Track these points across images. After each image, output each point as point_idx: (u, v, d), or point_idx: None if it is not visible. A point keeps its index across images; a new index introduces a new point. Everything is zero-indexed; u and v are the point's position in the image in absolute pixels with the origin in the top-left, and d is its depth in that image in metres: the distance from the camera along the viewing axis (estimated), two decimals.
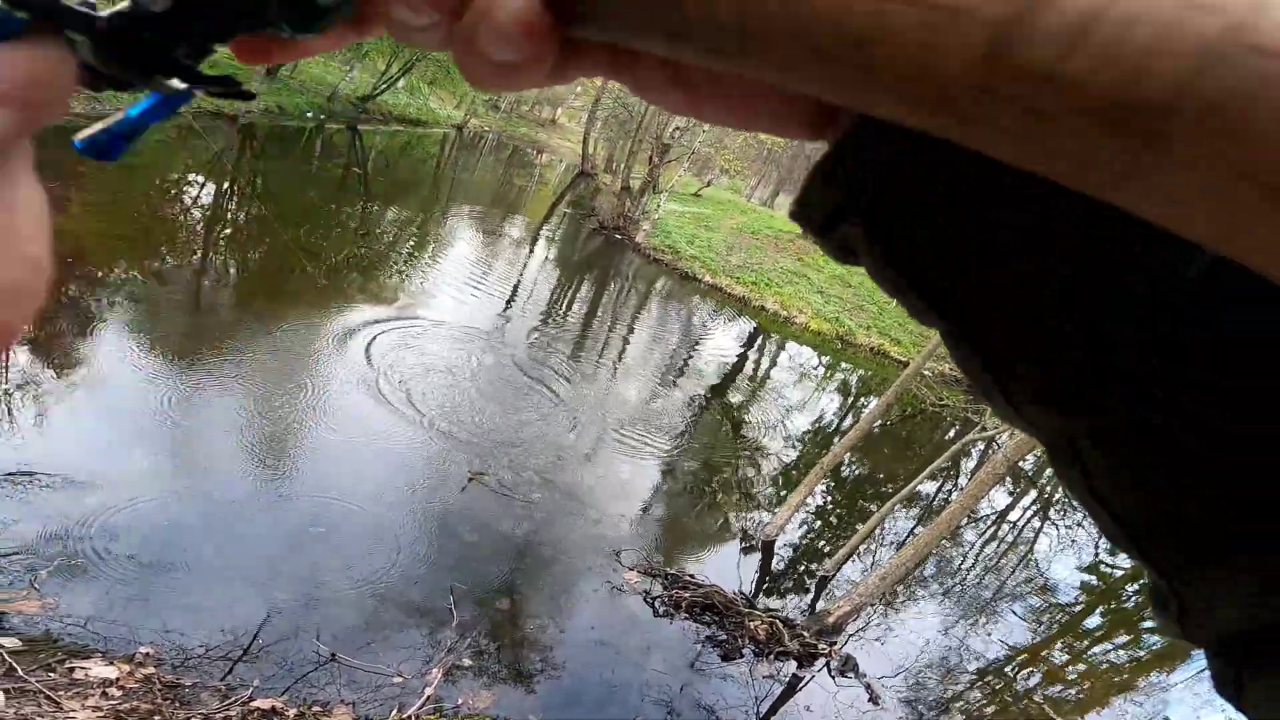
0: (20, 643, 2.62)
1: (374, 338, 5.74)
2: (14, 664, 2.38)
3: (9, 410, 3.74)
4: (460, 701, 3.21)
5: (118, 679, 2.49)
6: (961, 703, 4.71)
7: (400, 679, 3.17)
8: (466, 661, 3.41)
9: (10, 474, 3.36)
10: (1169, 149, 0.14)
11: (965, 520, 6.66)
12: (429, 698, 3.09)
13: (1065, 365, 0.22)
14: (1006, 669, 5.28)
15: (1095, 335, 0.21)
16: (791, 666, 4.28)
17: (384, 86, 16.79)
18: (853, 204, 0.24)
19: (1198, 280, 0.20)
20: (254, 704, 2.70)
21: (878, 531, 5.75)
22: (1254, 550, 0.20)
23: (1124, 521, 0.23)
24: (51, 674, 2.42)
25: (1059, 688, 5.37)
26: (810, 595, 5.12)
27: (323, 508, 3.91)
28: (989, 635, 5.50)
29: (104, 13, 0.23)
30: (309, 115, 13.39)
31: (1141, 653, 6.15)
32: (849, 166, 0.24)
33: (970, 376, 0.25)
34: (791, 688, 4.17)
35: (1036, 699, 5.07)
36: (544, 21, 0.22)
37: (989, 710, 4.80)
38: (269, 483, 3.97)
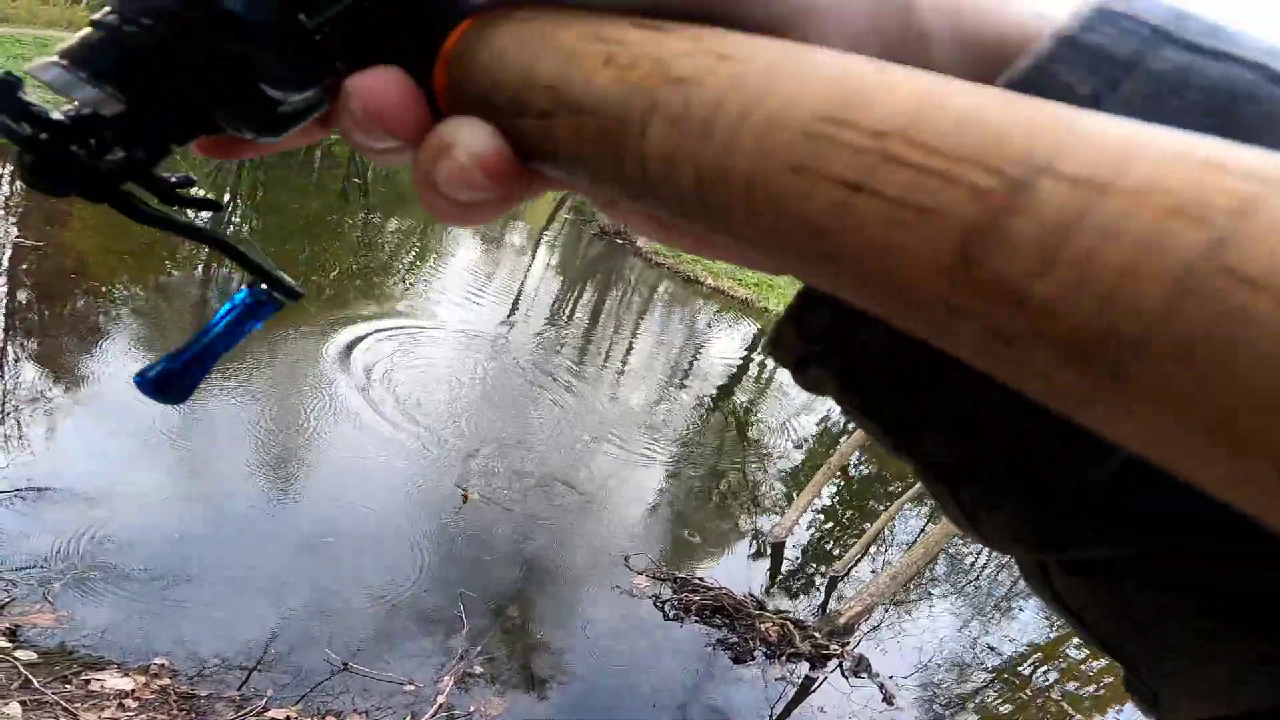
0: (36, 655, 2.63)
1: (377, 346, 5.74)
2: (30, 676, 2.39)
3: (18, 426, 3.75)
4: (473, 709, 3.21)
5: (133, 690, 2.50)
6: (977, 701, 4.68)
7: (412, 687, 3.17)
8: (478, 669, 3.40)
9: (20, 489, 3.37)
10: (1132, 385, 0.12)
11: None
12: (441, 705, 3.09)
13: (1030, 513, 0.21)
14: (1022, 666, 5.26)
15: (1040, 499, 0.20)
16: (804, 668, 4.27)
17: None
18: (824, 357, 0.24)
19: (1118, 469, 0.19)
20: (269, 714, 2.70)
21: (887, 530, 5.73)
22: (1229, 649, 0.19)
23: (1095, 630, 0.22)
24: (68, 686, 2.43)
25: (1076, 684, 5.35)
26: (821, 596, 5.10)
27: (332, 517, 3.91)
28: (1004, 633, 5.48)
29: (54, 114, 0.22)
30: None
31: None
32: (819, 320, 0.23)
33: (940, 507, 0.24)
34: (804, 689, 4.15)
35: (1054, 695, 5.04)
36: (507, 161, 0.21)
37: (1005, 709, 4.77)
38: (277, 493, 3.98)
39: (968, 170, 0.14)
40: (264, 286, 0.28)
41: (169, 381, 0.27)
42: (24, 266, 5.06)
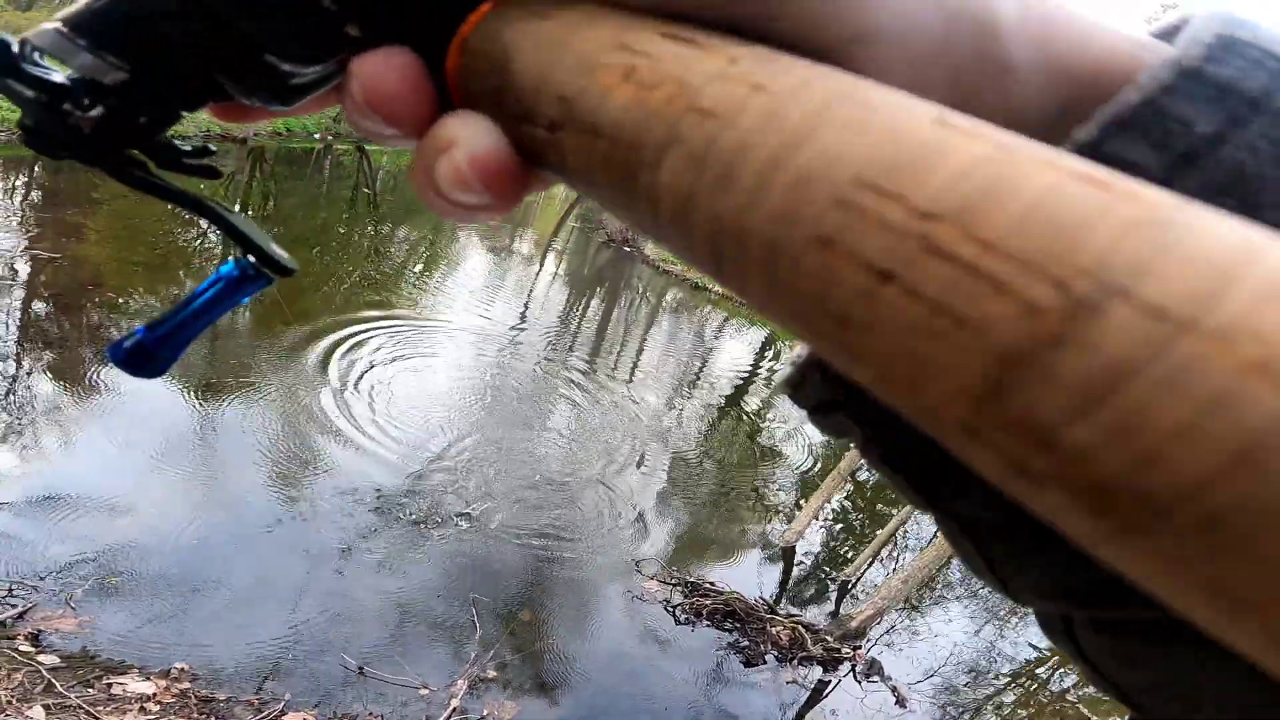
0: (59, 660, 2.65)
1: (390, 357, 5.77)
2: (53, 680, 2.40)
3: (36, 437, 3.79)
4: (485, 713, 3.20)
5: (154, 694, 2.50)
6: (993, 705, 4.64)
7: (426, 691, 3.17)
8: (491, 673, 3.39)
9: (41, 498, 3.41)
10: (1145, 543, 0.11)
11: None
12: (455, 709, 3.09)
13: (1066, 571, 0.19)
14: (1039, 670, 5.20)
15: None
16: (816, 672, 4.24)
17: None
18: (850, 404, 0.22)
19: None
20: (286, 717, 2.71)
21: (899, 534, 5.69)
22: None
23: (1116, 682, 0.21)
24: (90, 690, 2.44)
25: (1094, 689, 5.28)
26: (832, 600, 5.07)
27: (346, 524, 3.92)
28: (1019, 636, 5.42)
29: (55, 77, 0.22)
30: (316, 136, 13.54)
31: None
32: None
33: (964, 561, 0.23)
34: (817, 693, 4.13)
35: (1070, 698, 4.99)
36: (509, 167, 0.19)
37: (1022, 713, 4.73)
38: (292, 500, 3.99)
39: (1025, 278, 0.11)
40: (252, 260, 0.26)
41: (143, 355, 0.26)
42: (41, 279, 5.13)
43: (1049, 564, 0.19)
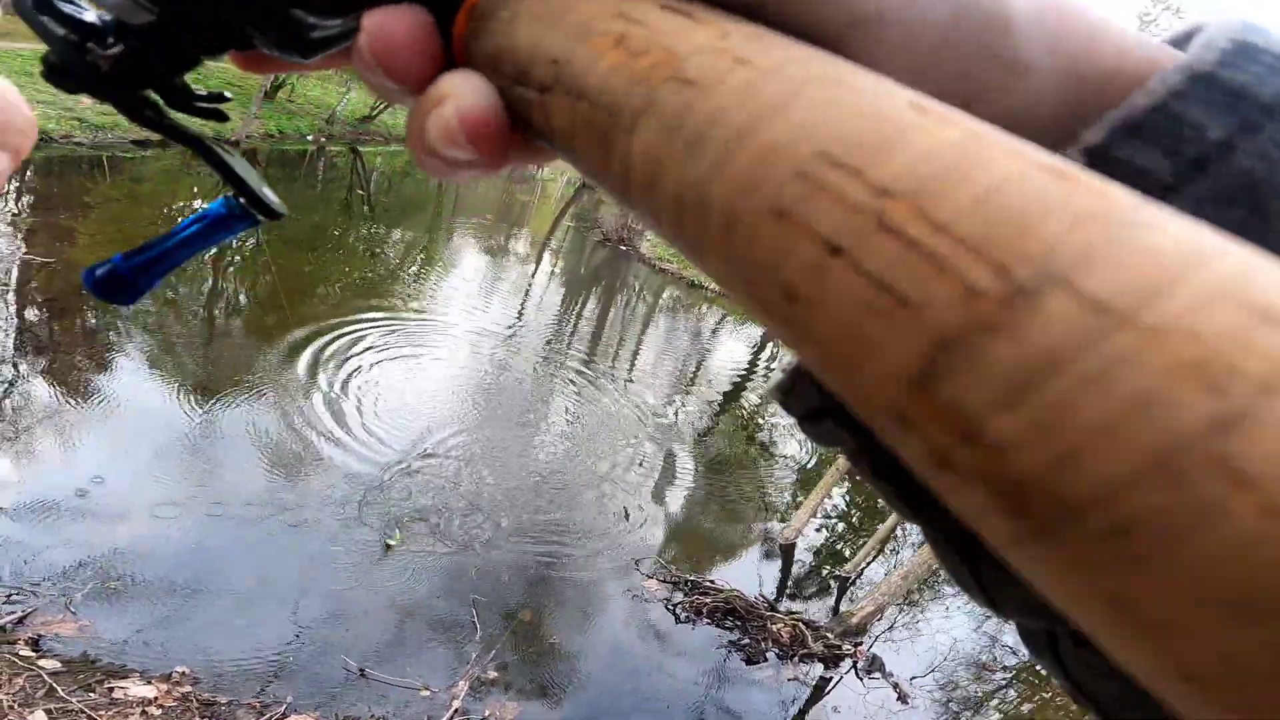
0: (60, 664, 2.64)
1: (386, 358, 5.76)
2: (54, 684, 2.40)
3: (31, 442, 3.77)
4: (487, 714, 3.20)
5: (156, 698, 2.50)
6: (997, 700, 4.65)
7: (427, 692, 3.16)
8: (492, 674, 3.39)
9: (38, 503, 3.40)
10: (1055, 550, 0.11)
11: None
12: (456, 710, 3.08)
13: None
14: (1042, 665, 5.21)
15: None
16: (818, 669, 4.24)
17: (382, 107, 16.90)
18: (842, 411, 0.21)
19: None
20: None
21: (899, 530, 5.70)
22: None
23: (1096, 699, 0.21)
24: (91, 694, 2.43)
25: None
26: (833, 597, 5.08)
27: (342, 527, 3.91)
28: None
29: (86, 15, 0.23)
30: (309, 138, 13.50)
31: None
32: None
33: (951, 575, 0.22)
34: (819, 690, 4.13)
35: None
36: (496, 125, 0.19)
37: (1026, 708, 4.74)
38: (289, 503, 3.98)
39: (968, 261, 0.11)
40: (241, 201, 0.26)
41: (118, 281, 0.26)
42: (34, 284, 5.10)
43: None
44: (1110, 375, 0.09)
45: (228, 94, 0.27)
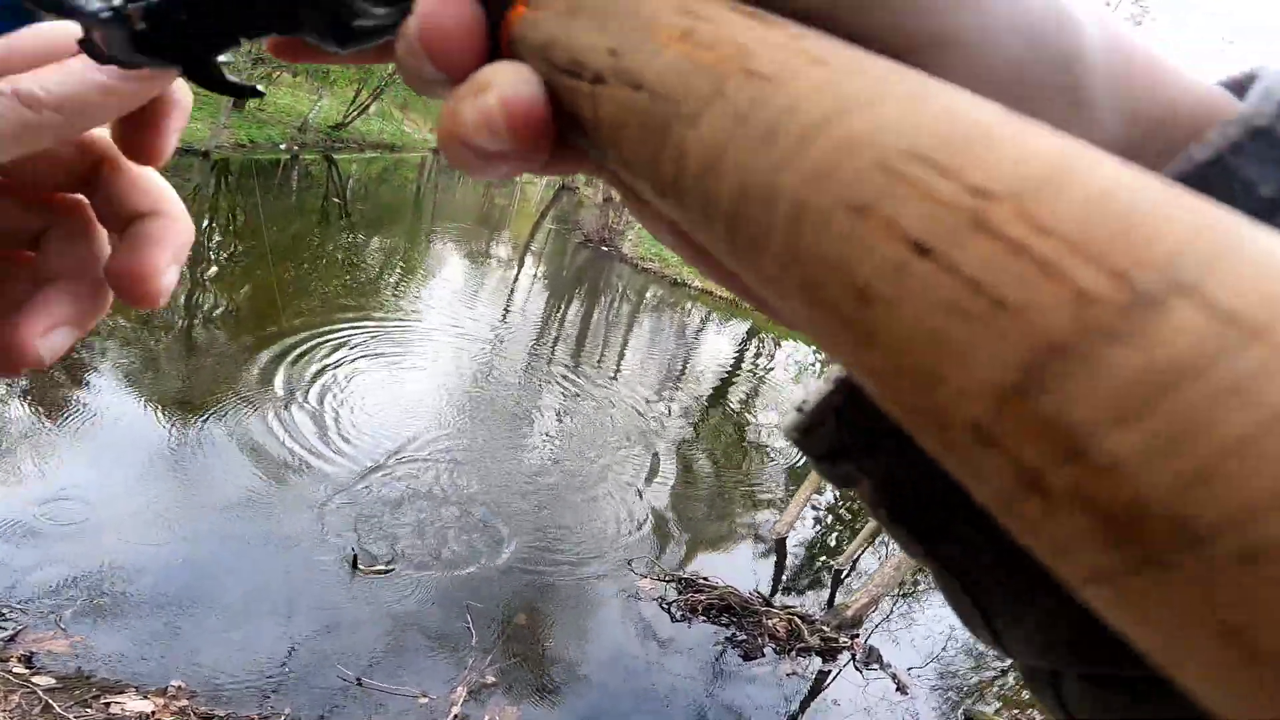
0: (54, 680, 2.61)
1: (369, 364, 5.72)
2: (50, 701, 2.38)
3: (16, 462, 3.72)
4: (486, 718, 3.18)
5: (153, 712, 2.48)
6: (995, 688, 4.68)
7: (425, 700, 3.14)
8: (490, 679, 3.37)
9: (21, 522, 3.36)
10: (1163, 575, 0.10)
11: None
12: (456, 717, 3.06)
13: (1067, 626, 0.18)
14: None
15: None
16: (815, 663, 4.26)
17: (355, 114, 16.79)
18: (862, 455, 0.21)
19: None
20: None
21: None
22: None
23: None
24: (88, 710, 2.42)
25: None
26: (827, 590, 5.10)
27: (333, 538, 3.87)
28: None
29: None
30: (282, 147, 13.37)
31: None
32: (867, 413, 0.20)
33: (959, 615, 0.22)
34: (818, 684, 4.14)
35: None
36: (539, 115, 0.19)
37: (1025, 695, 4.78)
38: (278, 517, 3.94)
39: (1080, 264, 0.10)
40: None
41: None
42: None
43: (1046, 615, 0.18)
44: (1249, 389, 0.09)
45: (260, 88, 0.28)
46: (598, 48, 0.18)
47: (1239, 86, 0.18)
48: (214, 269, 6.79)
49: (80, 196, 0.29)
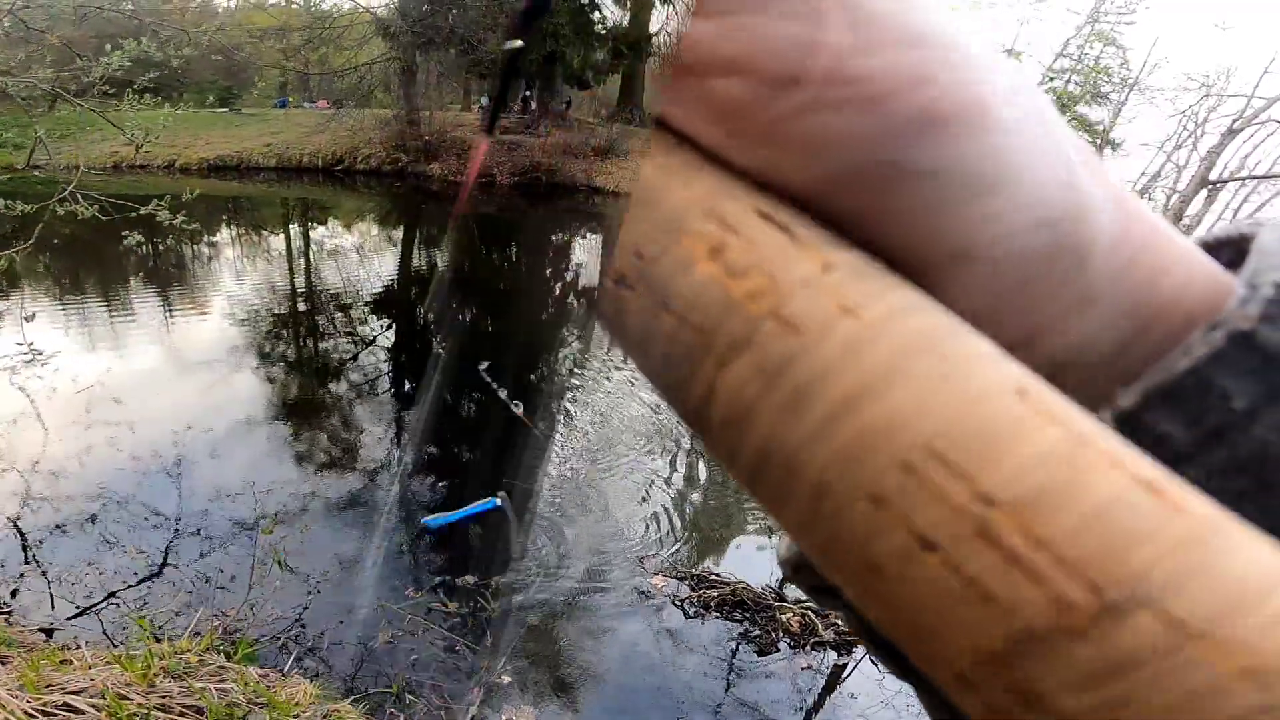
0: None
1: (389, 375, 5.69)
2: None
3: None
4: (504, 718, 3.16)
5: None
6: None
7: (441, 701, 3.12)
8: (506, 679, 3.35)
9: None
10: None
11: None
12: (473, 718, 3.04)
13: None
14: None
15: None
16: (831, 657, 4.23)
17: None
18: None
19: None
20: None
21: None
22: None
23: None
24: None
25: None
26: None
27: (336, 540, 3.84)
28: None
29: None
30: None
31: None
32: None
33: None
34: (834, 677, 4.12)
35: None
36: None
37: None
38: (276, 515, 3.90)
39: (1064, 577, 0.12)
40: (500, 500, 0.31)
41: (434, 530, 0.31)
42: None
43: None
44: (1180, 674, 0.11)
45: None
46: (625, 247, 0.17)
47: (1234, 245, 0.19)
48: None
49: None
